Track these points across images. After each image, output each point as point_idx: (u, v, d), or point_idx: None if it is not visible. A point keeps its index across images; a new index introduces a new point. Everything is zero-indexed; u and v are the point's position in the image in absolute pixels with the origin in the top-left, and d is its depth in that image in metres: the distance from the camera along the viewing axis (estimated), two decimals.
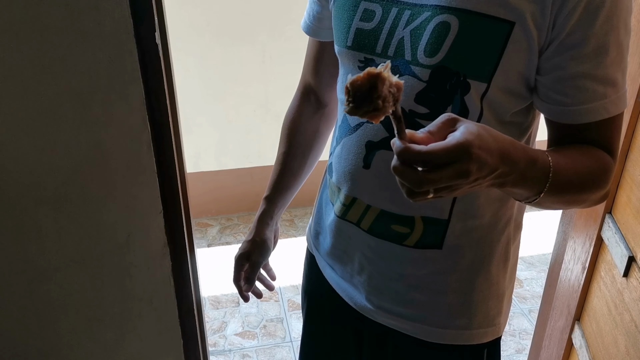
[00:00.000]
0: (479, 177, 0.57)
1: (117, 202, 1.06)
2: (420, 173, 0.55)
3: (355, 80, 0.54)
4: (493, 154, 0.57)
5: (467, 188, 0.59)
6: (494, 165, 0.58)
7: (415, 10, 0.74)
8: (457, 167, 0.55)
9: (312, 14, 0.94)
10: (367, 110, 0.55)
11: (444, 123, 0.58)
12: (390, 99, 0.54)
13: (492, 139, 0.59)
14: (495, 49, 0.70)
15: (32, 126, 0.96)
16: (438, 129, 0.57)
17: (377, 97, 0.54)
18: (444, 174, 0.55)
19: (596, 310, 1.27)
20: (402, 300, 0.86)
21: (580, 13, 0.66)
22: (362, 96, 0.54)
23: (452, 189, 0.58)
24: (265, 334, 2.26)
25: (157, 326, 1.22)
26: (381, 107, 0.54)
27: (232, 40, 2.65)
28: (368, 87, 0.53)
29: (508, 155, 0.60)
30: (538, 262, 2.66)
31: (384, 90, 0.54)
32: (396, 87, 0.55)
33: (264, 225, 1.03)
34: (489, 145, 0.57)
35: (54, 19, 0.89)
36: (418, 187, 0.56)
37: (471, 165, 0.55)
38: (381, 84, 0.53)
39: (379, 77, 0.53)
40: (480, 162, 0.56)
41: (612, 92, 0.70)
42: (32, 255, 1.08)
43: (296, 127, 1.02)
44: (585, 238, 1.32)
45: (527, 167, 0.63)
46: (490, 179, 0.59)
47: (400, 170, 0.56)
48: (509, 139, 0.62)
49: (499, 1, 0.69)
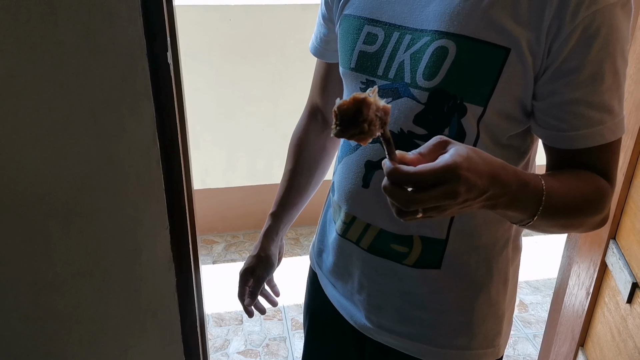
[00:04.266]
0: (468, 199, 0.58)
1: (125, 216, 1.08)
2: (409, 193, 0.57)
3: (342, 105, 0.56)
4: (482, 176, 0.59)
5: (457, 209, 0.60)
6: (483, 187, 0.59)
7: (416, 35, 0.76)
8: (445, 188, 0.56)
9: (319, 36, 0.96)
10: (353, 133, 0.57)
11: (435, 145, 0.59)
12: (377, 122, 0.57)
13: (482, 161, 0.60)
14: (491, 74, 0.71)
15: (44, 139, 0.99)
16: (429, 151, 0.59)
17: (362, 121, 0.56)
18: (431, 194, 0.56)
19: (600, 336, 1.26)
20: (402, 319, 0.87)
21: (576, 41, 0.68)
22: (348, 120, 0.56)
23: (441, 209, 0.59)
24: (268, 352, 2.25)
25: (161, 341, 1.23)
26: (367, 131, 0.56)
27: (243, 60, 2.69)
28: (354, 111, 0.55)
29: (498, 177, 0.61)
30: (543, 286, 2.64)
31: (370, 114, 0.56)
32: (383, 111, 0.57)
33: (269, 240, 1.04)
34: (478, 167, 0.58)
35: (70, 35, 0.92)
36: (407, 206, 0.57)
37: (459, 186, 0.56)
38: (366, 108, 0.55)
39: (364, 102, 0.55)
40: (469, 183, 0.57)
41: (609, 118, 0.71)
42: (39, 266, 1.09)
43: (303, 145, 1.04)
44: (590, 263, 1.32)
45: (518, 189, 0.64)
46: (481, 200, 0.60)
47: (390, 190, 0.57)
48: (500, 161, 0.63)
49: (496, 28, 0.70)
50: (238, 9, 2.62)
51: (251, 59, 2.69)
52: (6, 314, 1.12)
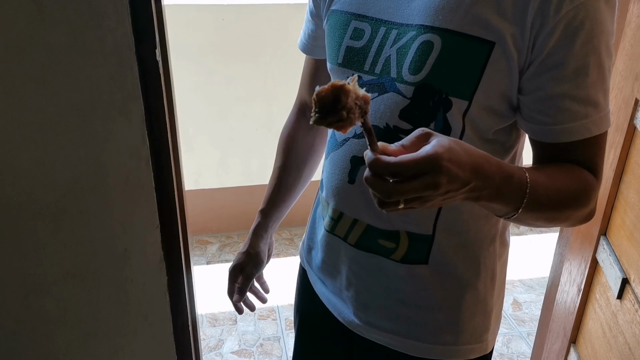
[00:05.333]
0: (451, 190, 0.58)
1: (115, 216, 1.08)
2: (390, 184, 0.56)
3: (320, 92, 0.56)
4: (465, 168, 0.58)
5: (439, 200, 0.60)
6: (465, 178, 0.59)
7: (402, 30, 0.77)
8: (426, 179, 0.56)
9: (307, 32, 0.96)
10: (332, 121, 0.56)
11: (417, 137, 0.59)
12: (356, 110, 0.56)
13: (465, 152, 0.60)
14: (475, 68, 0.72)
15: (32, 140, 0.98)
16: (411, 143, 0.59)
17: (341, 109, 0.55)
18: (412, 185, 0.56)
19: (591, 332, 1.26)
20: (389, 315, 0.87)
21: (559, 35, 0.68)
22: (327, 107, 0.56)
23: (423, 200, 0.59)
24: (262, 352, 2.25)
25: (152, 342, 1.22)
26: (345, 118, 0.56)
27: (236, 60, 2.69)
28: (332, 98, 0.55)
29: (481, 169, 0.61)
30: (537, 285, 2.65)
31: (349, 102, 0.55)
32: (363, 100, 0.57)
33: (258, 237, 1.04)
34: (461, 158, 0.58)
35: (57, 35, 0.92)
36: (388, 197, 0.57)
37: (440, 177, 0.56)
38: (345, 96, 0.55)
39: (342, 89, 0.55)
40: (451, 174, 0.57)
41: (594, 112, 0.71)
42: (28, 268, 1.08)
43: (291, 143, 1.04)
44: (581, 260, 1.32)
45: (502, 182, 0.64)
46: (464, 192, 0.60)
47: (371, 181, 0.57)
48: (483, 153, 0.63)
49: (480, 22, 0.71)
50: (231, 8, 2.62)
51: (244, 59, 2.69)
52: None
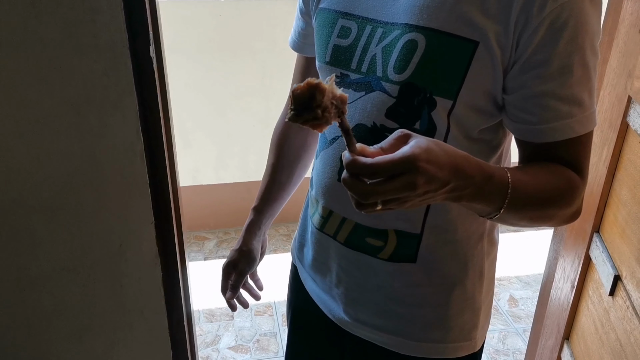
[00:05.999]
0: (429, 190, 0.58)
1: (110, 211, 1.08)
2: (367, 185, 0.56)
3: (296, 89, 0.56)
4: (443, 168, 0.58)
5: (418, 201, 0.60)
6: (444, 178, 0.59)
7: (387, 28, 0.77)
8: (403, 180, 0.56)
9: (297, 30, 0.97)
10: (307, 119, 0.56)
11: (396, 139, 0.59)
12: (332, 109, 0.56)
13: (443, 153, 0.60)
14: (459, 67, 0.72)
15: (27, 135, 0.99)
16: (390, 145, 0.59)
17: (316, 107, 0.55)
18: (389, 186, 0.56)
19: (584, 329, 1.27)
20: (378, 313, 0.87)
21: (543, 33, 0.68)
22: (302, 105, 0.56)
23: (401, 201, 0.59)
24: (259, 348, 2.25)
25: (147, 337, 1.23)
26: (320, 117, 0.56)
27: (233, 56, 2.69)
28: (308, 96, 0.55)
29: (461, 169, 0.61)
30: (534, 281, 2.66)
31: (325, 100, 0.55)
32: (340, 100, 0.57)
33: (251, 235, 1.05)
34: (439, 159, 0.58)
35: (51, 30, 0.92)
36: (365, 198, 0.57)
37: (418, 178, 0.56)
38: (320, 94, 0.55)
39: (317, 87, 0.55)
40: (428, 175, 0.57)
41: (579, 111, 0.71)
42: (24, 263, 1.09)
43: (284, 140, 1.04)
44: (575, 257, 1.33)
45: (483, 181, 0.64)
46: (443, 192, 0.60)
47: (349, 182, 0.57)
48: (463, 154, 0.63)
49: (464, 21, 0.71)
50: (228, 4, 2.62)
51: (242, 55, 2.69)
52: None
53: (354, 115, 0.79)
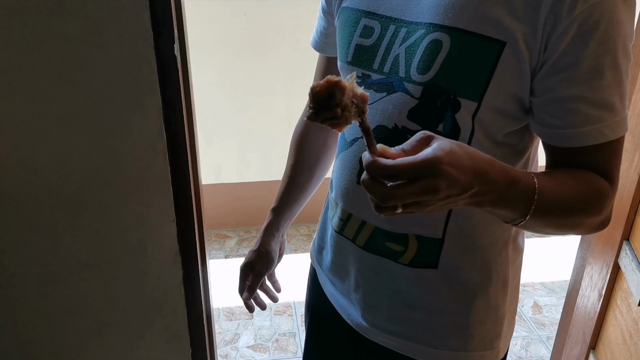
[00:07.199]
0: (451, 195, 0.56)
1: (131, 209, 1.08)
2: (387, 188, 0.54)
3: (315, 87, 0.54)
4: (466, 172, 0.56)
5: (440, 205, 0.58)
6: (467, 183, 0.57)
7: (411, 28, 0.75)
8: (424, 183, 0.54)
9: (319, 29, 0.95)
10: (326, 118, 0.54)
11: (418, 141, 0.57)
12: (352, 108, 0.54)
13: (467, 156, 0.57)
14: (485, 68, 0.69)
15: (51, 132, 0.99)
16: (412, 147, 0.56)
17: (335, 105, 0.53)
18: (410, 189, 0.54)
19: (611, 339, 1.23)
20: (397, 318, 0.86)
21: (573, 35, 0.66)
22: (321, 103, 0.53)
23: (422, 205, 0.56)
24: (277, 348, 2.25)
25: (166, 334, 1.23)
26: (340, 116, 0.54)
27: (257, 55, 2.69)
28: (327, 94, 0.53)
29: (484, 173, 0.59)
30: (559, 288, 2.60)
31: (345, 99, 0.53)
32: (360, 99, 0.55)
33: (269, 236, 1.04)
34: (462, 162, 0.56)
35: (76, 29, 0.92)
36: (384, 201, 0.55)
37: (440, 181, 0.54)
38: (339, 92, 0.53)
39: (337, 85, 0.53)
40: (451, 179, 0.55)
41: (609, 116, 0.69)
42: (46, 258, 1.10)
43: (304, 141, 1.03)
44: (603, 265, 1.29)
45: (507, 187, 0.61)
46: (466, 197, 0.58)
47: (368, 184, 0.55)
48: (488, 157, 0.61)
49: (491, 21, 0.68)
50: (252, 2, 2.62)
51: (264, 54, 2.69)
52: (13, 304, 1.14)
53: (375, 116, 0.77)
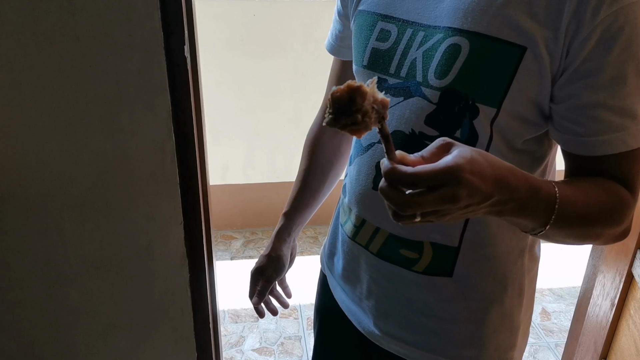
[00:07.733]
0: (471, 204, 0.55)
1: (139, 210, 1.08)
2: (406, 196, 0.53)
3: (335, 92, 0.52)
4: (487, 180, 0.55)
5: (460, 214, 0.56)
6: (487, 191, 0.55)
7: (429, 32, 0.74)
8: (444, 192, 0.52)
9: (334, 33, 0.94)
10: (345, 124, 0.53)
11: (438, 148, 0.56)
12: (372, 114, 0.53)
13: (488, 164, 0.56)
14: (505, 73, 0.68)
15: (60, 132, 0.99)
16: (432, 154, 0.55)
17: (355, 111, 0.52)
18: (430, 197, 0.52)
19: (624, 349, 1.21)
20: (409, 326, 0.84)
21: (596, 40, 0.64)
22: (341, 108, 0.52)
23: (441, 214, 0.55)
24: (283, 351, 2.24)
25: (172, 336, 1.22)
26: (360, 122, 0.52)
27: (265, 55, 2.68)
28: (347, 99, 0.52)
29: (505, 182, 0.57)
30: (568, 294, 2.57)
31: (365, 104, 0.52)
32: (381, 104, 0.53)
33: (280, 241, 1.03)
34: (483, 170, 0.55)
35: (86, 29, 0.92)
36: (403, 210, 0.54)
37: (460, 190, 0.53)
38: (360, 97, 0.52)
39: (358, 90, 0.52)
40: (471, 187, 0.53)
41: (632, 124, 0.67)
42: (53, 259, 1.09)
43: (317, 145, 1.02)
44: (616, 273, 1.27)
45: (528, 196, 0.60)
46: (486, 206, 0.57)
47: (387, 192, 0.54)
48: (508, 165, 0.60)
49: (511, 25, 0.67)
50: (262, 3, 2.61)
51: (273, 55, 2.69)
52: (21, 305, 1.13)
53: (391, 121, 0.76)
